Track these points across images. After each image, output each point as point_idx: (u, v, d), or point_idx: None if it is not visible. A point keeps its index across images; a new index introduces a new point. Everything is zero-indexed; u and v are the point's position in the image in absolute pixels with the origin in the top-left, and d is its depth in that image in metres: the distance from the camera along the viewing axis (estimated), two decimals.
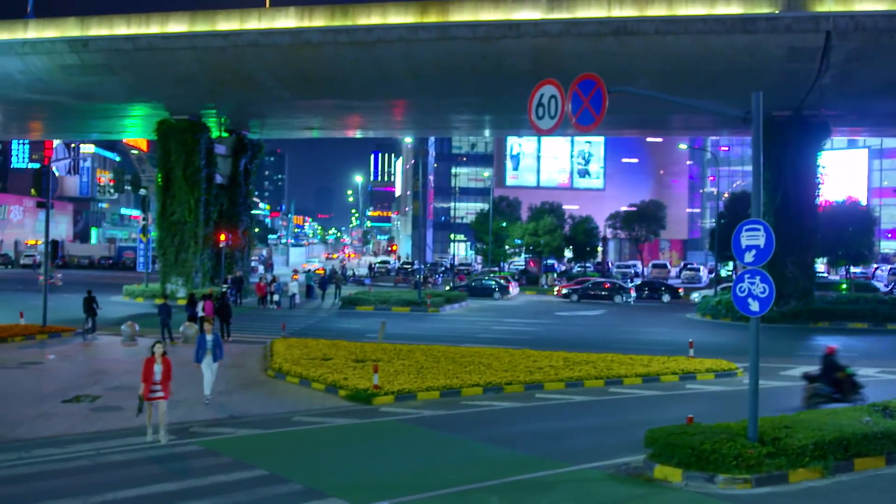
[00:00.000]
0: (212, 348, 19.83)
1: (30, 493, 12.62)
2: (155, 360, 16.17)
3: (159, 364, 16.17)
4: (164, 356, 16.31)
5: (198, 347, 19.98)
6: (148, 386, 15.94)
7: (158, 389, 16.03)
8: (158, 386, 16.04)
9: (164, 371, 16.17)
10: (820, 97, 39.14)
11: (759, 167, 15.14)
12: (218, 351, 19.96)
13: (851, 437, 14.61)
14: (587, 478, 14.10)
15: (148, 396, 15.93)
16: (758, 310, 14.39)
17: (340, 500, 12.42)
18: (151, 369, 16.05)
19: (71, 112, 50.15)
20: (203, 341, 19.96)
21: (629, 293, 56.96)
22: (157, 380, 16.02)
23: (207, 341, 19.92)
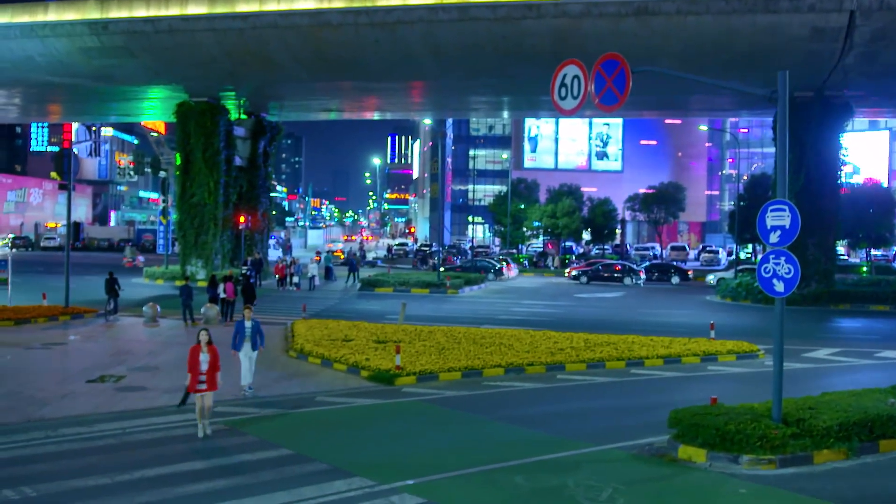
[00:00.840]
0: (251, 335, 18.48)
1: (58, 470, 12.73)
2: (201, 349, 15.07)
3: (205, 353, 15.06)
4: (209, 344, 15.16)
5: (235, 333, 18.60)
6: (195, 377, 14.91)
7: (204, 381, 14.94)
8: (204, 377, 14.94)
9: (210, 360, 15.05)
10: (843, 78, 38.83)
11: (784, 147, 15.04)
12: (258, 338, 18.60)
13: (876, 418, 14.55)
14: (611, 458, 14.11)
15: (194, 388, 14.95)
16: (783, 290, 14.30)
17: (365, 478, 12.48)
18: (197, 358, 15.00)
19: (90, 94, 50.28)
20: (241, 328, 18.52)
21: (639, 275, 56.88)
22: (203, 370, 14.93)
23: (246, 328, 18.49)
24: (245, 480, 12.36)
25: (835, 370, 23.30)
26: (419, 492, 11.92)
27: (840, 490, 12.39)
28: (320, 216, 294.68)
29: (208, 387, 14.91)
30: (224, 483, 12.20)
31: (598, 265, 59.72)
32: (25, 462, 13.21)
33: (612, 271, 57.61)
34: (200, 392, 14.86)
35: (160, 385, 19.50)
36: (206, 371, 14.95)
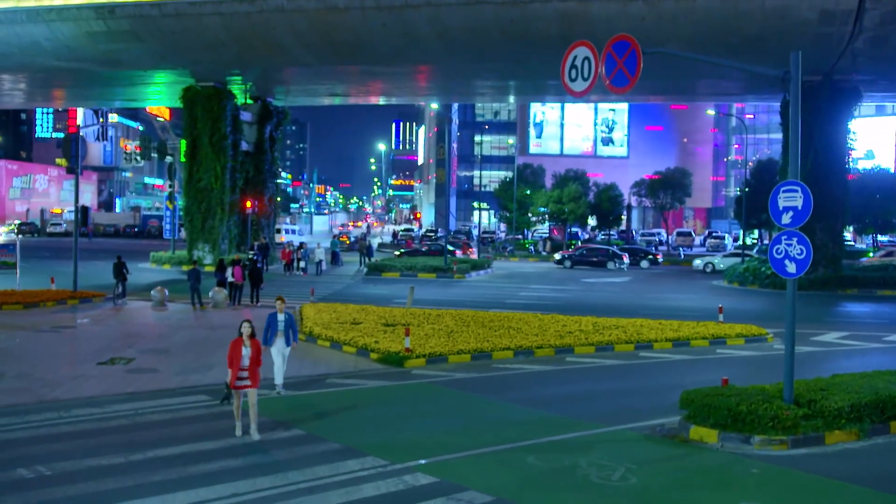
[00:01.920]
0: (284, 329, 16.92)
1: (71, 450, 12.77)
2: (243, 343, 13.89)
3: (248, 347, 13.86)
4: (252, 337, 13.97)
5: (267, 328, 16.98)
6: (235, 372, 13.73)
7: (246, 377, 13.79)
8: (246, 372, 13.80)
9: (252, 355, 13.88)
10: (852, 62, 38.69)
11: (796, 128, 14.98)
12: (291, 333, 17.09)
13: (888, 399, 14.55)
14: (623, 438, 14.13)
15: (234, 385, 13.80)
16: (794, 272, 14.28)
17: (378, 458, 12.51)
18: (239, 352, 13.81)
19: (96, 79, 50.25)
20: (273, 321, 16.91)
21: (622, 259, 57.46)
22: (245, 365, 13.78)
23: (279, 321, 16.91)
24: (258, 460, 12.39)
25: (844, 353, 23.29)
26: (432, 471, 11.95)
27: (852, 470, 12.40)
28: (325, 203, 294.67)
29: (250, 383, 13.81)
30: (237, 463, 12.24)
31: (583, 249, 60.79)
32: (39, 442, 13.26)
33: (596, 255, 58.48)
34: (242, 388, 13.80)
35: (171, 367, 19.55)
36: (248, 366, 13.84)
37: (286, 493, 10.97)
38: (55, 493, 10.79)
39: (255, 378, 13.86)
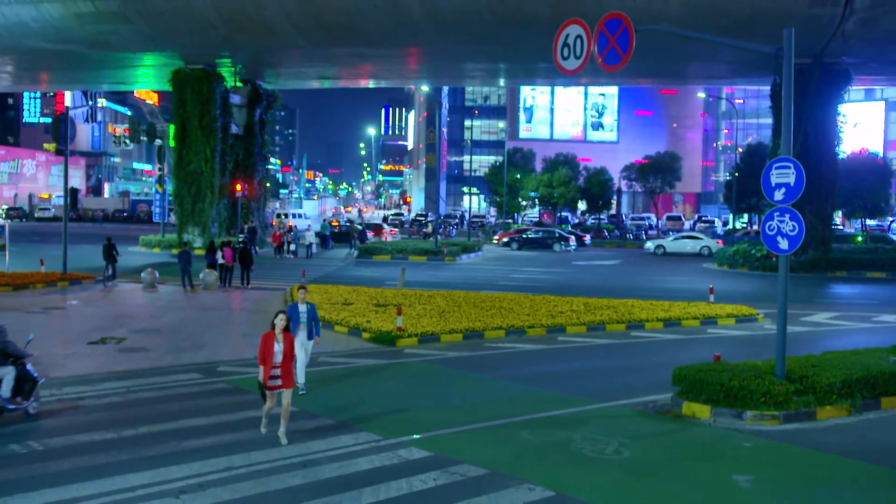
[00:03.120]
0: (307, 322, 15.37)
1: (63, 426, 12.74)
2: (275, 337, 12.33)
3: (280, 342, 12.30)
4: (286, 331, 12.41)
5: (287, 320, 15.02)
6: (268, 370, 12.20)
7: (278, 375, 12.25)
8: (278, 370, 12.26)
9: (285, 350, 12.30)
10: (842, 44, 38.68)
11: (789, 105, 14.97)
12: (314, 326, 15.55)
13: (879, 375, 14.64)
14: (615, 414, 14.17)
15: (267, 384, 12.26)
16: (787, 248, 14.32)
17: (371, 433, 12.51)
18: (271, 348, 12.24)
19: (84, 61, 49.91)
20: (295, 312, 15.15)
21: (569, 242, 58.35)
22: (278, 362, 12.24)
23: (301, 313, 15.30)
24: (251, 435, 12.38)
25: (834, 333, 23.39)
26: (426, 445, 11.96)
27: (844, 444, 12.47)
28: (314, 188, 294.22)
29: (284, 382, 12.27)
30: (230, 437, 12.23)
31: (530, 232, 61.97)
32: (31, 418, 13.20)
33: (543, 238, 59.37)
34: (275, 389, 12.29)
35: (162, 346, 19.50)
36: (282, 363, 12.28)
37: (280, 466, 10.98)
38: (48, 468, 10.76)
39: (288, 377, 12.37)
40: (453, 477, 10.69)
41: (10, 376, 13.06)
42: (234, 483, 10.30)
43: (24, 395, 13.20)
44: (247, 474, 10.63)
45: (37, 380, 13.45)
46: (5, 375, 13.04)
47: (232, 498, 9.83)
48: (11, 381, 13.07)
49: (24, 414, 13.22)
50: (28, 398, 13.23)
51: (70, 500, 9.51)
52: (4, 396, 12.92)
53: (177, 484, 10.22)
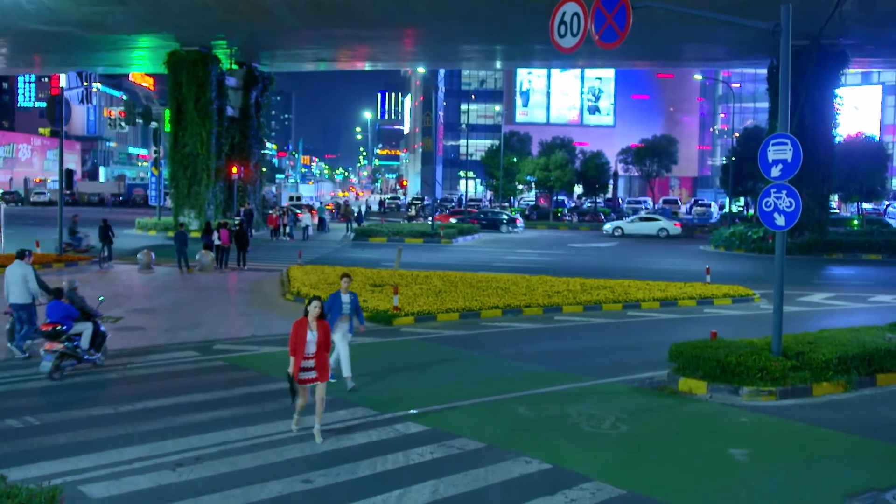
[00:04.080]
0: (349, 312, 14.20)
1: (60, 402, 12.74)
2: (308, 325, 11.24)
3: (314, 330, 11.20)
4: (320, 319, 11.29)
5: (328, 309, 13.54)
6: (299, 361, 11.12)
7: (312, 367, 11.15)
8: (312, 362, 11.14)
9: (320, 340, 11.19)
10: (839, 25, 38.58)
11: (787, 82, 14.94)
12: (358, 316, 14.43)
13: (875, 352, 14.67)
14: (612, 390, 14.19)
15: (298, 376, 11.18)
16: (783, 224, 14.30)
17: (368, 409, 12.52)
18: (304, 337, 11.15)
19: (79, 44, 49.64)
20: (337, 302, 14.06)
21: (515, 223, 59.38)
22: (311, 352, 11.13)
23: (343, 302, 14.12)
24: (248, 410, 12.38)
25: (830, 313, 23.43)
26: (423, 420, 11.98)
27: (840, 419, 12.50)
28: (310, 173, 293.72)
29: (318, 375, 11.20)
30: (227, 413, 12.23)
31: (479, 214, 63.28)
32: (27, 395, 13.22)
33: (491, 220, 60.33)
34: (308, 382, 11.22)
35: (159, 325, 19.50)
36: (315, 353, 11.17)
37: (277, 440, 10.98)
38: (44, 442, 10.74)
39: (323, 369, 11.26)
40: (450, 450, 10.70)
41: (88, 331, 15.02)
42: (231, 456, 10.30)
43: (97, 348, 15.17)
44: (244, 448, 10.63)
45: (105, 335, 15.47)
46: (85, 330, 14.98)
47: (229, 470, 9.82)
48: (89, 335, 15.02)
49: (92, 365, 15.06)
50: (99, 351, 15.19)
51: (67, 473, 9.50)
52: (83, 348, 14.84)
53: (173, 457, 10.22)
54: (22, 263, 16.32)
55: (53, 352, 14.17)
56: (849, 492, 9.47)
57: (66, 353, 14.37)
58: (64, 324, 14.62)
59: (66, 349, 14.34)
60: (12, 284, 16.03)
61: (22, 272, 16.10)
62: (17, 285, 16.00)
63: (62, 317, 14.72)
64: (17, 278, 16.04)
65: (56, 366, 14.16)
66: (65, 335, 14.48)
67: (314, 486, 9.40)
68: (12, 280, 16.05)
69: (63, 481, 8.48)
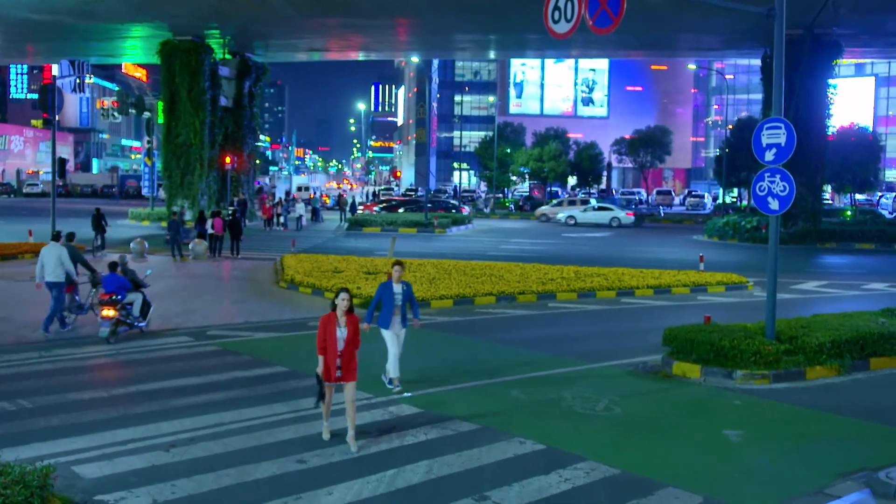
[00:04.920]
0: (401, 305, 12.72)
1: (54, 385, 12.70)
2: (336, 322, 10.28)
3: (343, 327, 10.26)
4: (349, 313, 10.36)
5: (376, 301, 12.86)
6: (328, 360, 10.23)
7: (339, 366, 10.27)
8: (341, 360, 10.26)
9: (349, 336, 10.25)
10: (833, 14, 38.52)
11: (780, 67, 14.93)
12: (412, 308, 12.98)
13: (868, 336, 14.69)
14: (606, 374, 14.19)
15: (328, 375, 10.26)
16: (777, 208, 14.31)
17: (362, 391, 12.43)
18: (333, 333, 10.22)
19: (71, 33, 49.33)
20: (388, 292, 12.75)
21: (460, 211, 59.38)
22: (340, 351, 10.23)
23: (395, 294, 12.72)
24: (242, 394, 12.36)
25: (823, 300, 23.48)
26: (417, 403, 11.99)
27: (833, 402, 12.53)
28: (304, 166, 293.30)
29: (344, 374, 10.28)
30: (221, 396, 12.20)
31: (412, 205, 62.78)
32: (20, 379, 13.17)
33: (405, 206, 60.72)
34: (335, 382, 10.31)
35: (152, 312, 19.39)
36: (343, 351, 10.26)
37: (271, 422, 10.97)
38: (37, 423, 10.72)
39: (350, 368, 10.34)
40: (444, 432, 10.70)
41: (139, 300, 16.98)
42: (225, 437, 10.28)
43: (144, 316, 17.06)
44: (238, 430, 10.62)
45: (150, 305, 17.34)
46: (136, 299, 16.92)
47: (223, 451, 9.81)
48: (139, 304, 16.98)
49: (139, 332, 16.84)
50: (145, 318, 17.09)
51: (59, 454, 9.47)
52: (135, 315, 16.75)
53: (167, 438, 10.20)
54: (57, 245, 17.50)
55: (110, 318, 15.93)
56: (842, 471, 9.50)
57: (120, 320, 16.16)
58: (118, 294, 16.27)
59: (120, 316, 16.12)
60: (48, 264, 17.11)
61: (57, 253, 17.21)
62: (53, 265, 17.09)
63: (117, 287, 16.38)
64: (53, 258, 17.14)
65: (112, 331, 15.93)
66: (119, 304, 16.15)
67: (308, 466, 9.40)
68: (48, 260, 17.16)
69: (56, 461, 8.43)
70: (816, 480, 9.24)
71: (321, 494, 8.57)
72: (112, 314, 15.93)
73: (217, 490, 8.65)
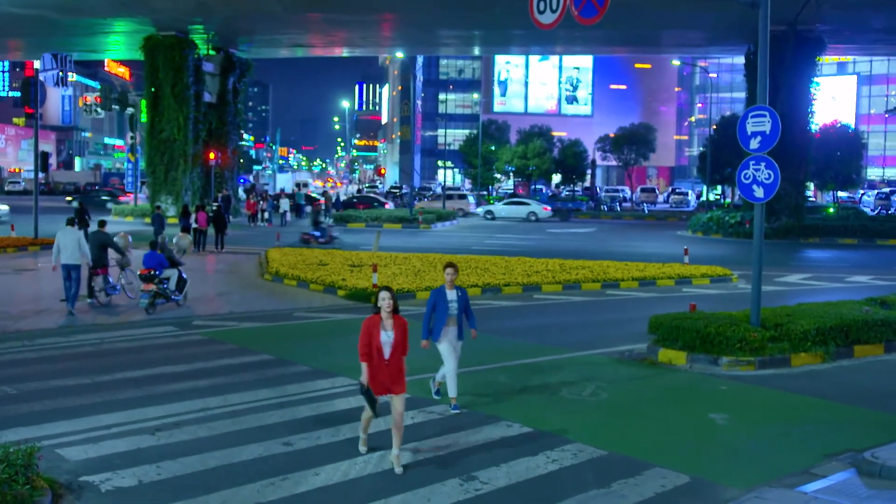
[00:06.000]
0: (457, 314, 11.09)
1: (37, 373, 12.61)
2: (381, 325, 8.91)
3: (388, 330, 8.88)
4: (395, 314, 8.98)
5: (430, 310, 11.21)
6: (374, 369, 8.85)
7: (386, 376, 8.90)
8: (388, 369, 8.89)
9: (396, 341, 8.88)
10: (816, 11, 38.69)
11: (765, 55, 14.98)
12: (469, 317, 11.37)
13: (852, 323, 14.73)
14: (592, 361, 14.20)
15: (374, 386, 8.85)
16: (762, 196, 14.37)
17: (348, 378, 12.46)
18: (378, 339, 8.85)
19: (54, 28, 49.04)
20: (441, 299, 11.07)
21: (384, 206, 60.73)
22: (386, 356, 8.85)
23: (449, 301, 11.06)
24: (227, 380, 12.31)
25: (808, 291, 23.54)
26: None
27: (817, 388, 12.57)
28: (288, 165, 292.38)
29: (392, 385, 8.91)
30: (206, 382, 12.14)
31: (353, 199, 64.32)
32: (3, 367, 13.06)
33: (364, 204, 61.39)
34: (382, 394, 8.94)
35: (135, 303, 19.34)
36: (391, 359, 8.90)
37: (256, 407, 10.93)
38: (20, 409, 10.64)
39: (398, 377, 8.96)
40: (431, 416, 10.71)
41: (174, 276, 18.74)
42: (210, 422, 10.24)
43: (180, 291, 18.90)
44: (223, 414, 10.57)
45: (186, 281, 19.24)
46: (173, 275, 18.69)
47: (209, 434, 9.76)
48: (175, 279, 18.72)
49: (175, 304, 18.70)
50: (181, 293, 18.96)
51: (42, 437, 9.39)
52: (172, 289, 18.52)
53: (152, 423, 10.15)
54: (74, 229, 18.34)
55: (149, 292, 17.72)
56: (828, 452, 9.54)
57: (158, 293, 17.88)
58: (157, 270, 18.02)
59: (158, 290, 17.85)
60: (67, 247, 17.76)
61: (75, 237, 18.00)
62: (72, 248, 17.78)
63: (156, 264, 18.15)
64: (71, 241, 17.85)
65: (151, 303, 17.71)
66: (157, 279, 17.88)
67: (295, 448, 9.36)
68: (66, 243, 17.81)
69: (40, 444, 8.37)
70: (803, 461, 9.26)
71: (308, 475, 8.54)
72: (150, 288, 17.70)
73: (203, 471, 8.60)
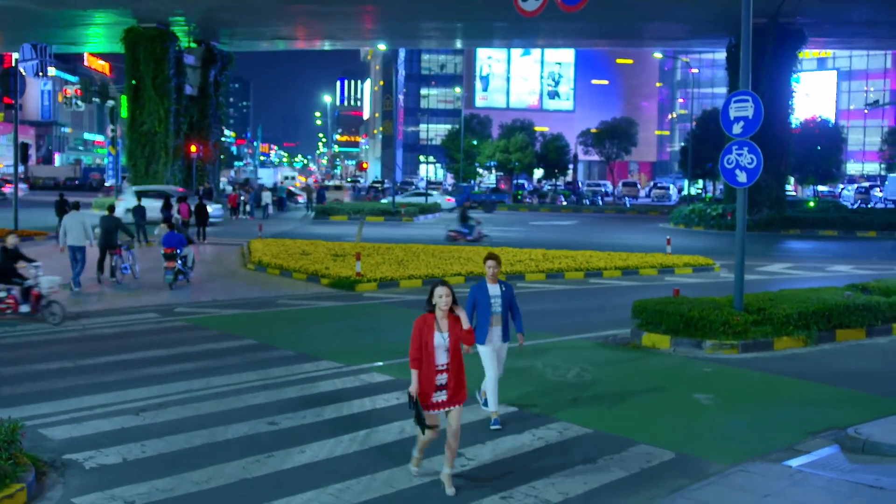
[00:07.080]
0: (502, 311, 9.53)
1: (20, 357, 12.53)
2: (435, 326, 7.66)
3: (444, 331, 7.63)
4: (452, 314, 7.70)
5: (472, 306, 9.49)
6: (426, 375, 7.59)
7: (443, 384, 7.59)
8: (444, 377, 7.59)
9: (452, 343, 7.61)
10: (797, 4, 38.94)
11: (748, 40, 15.07)
12: (514, 317, 9.76)
13: (834, 308, 14.83)
14: (576, 346, 14.24)
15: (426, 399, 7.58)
16: (745, 181, 14.46)
17: (333, 362, 12.46)
18: (430, 343, 7.61)
19: (34, 20, 48.66)
20: (483, 295, 9.52)
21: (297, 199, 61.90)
22: (441, 363, 7.57)
23: (492, 297, 9.50)
24: (211, 364, 12.26)
25: (789, 280, 23.68)
26: (388, 371, 11.96)
27: (800, 370, 12.65)
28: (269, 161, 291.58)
29: (450, 397, 7.64)
30: (190, 366, 12.10)
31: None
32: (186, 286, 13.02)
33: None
34: (437, 407, 7.63)
35: (118, 292, 19.30)
36: (450, 364, 7.62)
37: (241, 389, 10.90)
38: (2, 392, 10.56)
39: (457, 387, 7.66)
40: None
41: (191, 254, 20.68)
42: (195, 402, 10.22)
43: (192, 267, 20.82)
44: (207, 395, 10.55)
45: (195, 260, 21.26)
46: (189, 253, 20.44)
47: (195, 414, 9.74)
48: (192, 256, 20.71)
49: (186, 281, 20.42)
50: (192, 269, 20.90)
51: (26, 418, 9.27)
52: (187, 266, 20.35)
53: (137, 404, 10.11)
54: (80, 213, 19.57)
55: (172, 269, 19.51)
56: (811, 430, 9.60)
57: (179, 270, 19.77)
58: (178, 248, 19.78)
59: (179, 268, 19.69)
60: (73, 229, 18.90)
61: (81, 219, 19.10)
62: (78, 230, 18.97)
63: (176, 243, 19.90)
64: (77, 224, 18.97)
65: (174, 278, 19.50)
66: (178, 256, 19.64)
67: (280, 428, 9.34)
68: (72, 226, 18.97)
69: (23, 424, 8.30)
70: (786, 438, 9.32)
71: (294, 452, 8.52)
72: (174, 265, 19.48)
73: (188, 449, 8.58)
